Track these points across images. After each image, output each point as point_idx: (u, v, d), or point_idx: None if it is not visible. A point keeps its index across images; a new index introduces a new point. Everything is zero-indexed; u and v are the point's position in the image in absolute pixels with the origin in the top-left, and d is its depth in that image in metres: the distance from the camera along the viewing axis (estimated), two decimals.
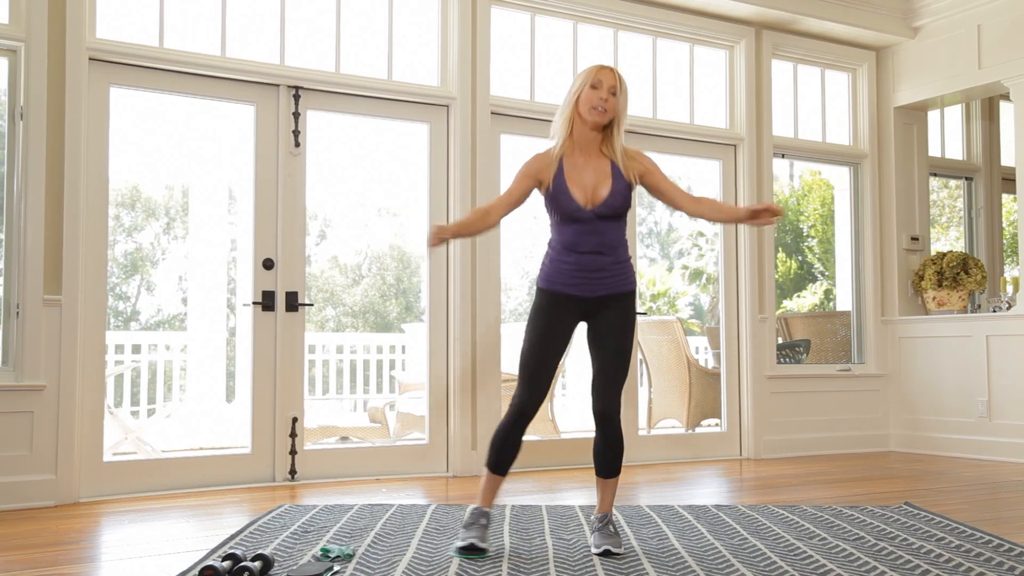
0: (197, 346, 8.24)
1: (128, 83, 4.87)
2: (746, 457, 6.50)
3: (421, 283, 21.03)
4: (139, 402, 8.05)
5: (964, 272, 6.75)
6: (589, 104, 3.27)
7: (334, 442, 7.02)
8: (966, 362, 6.56)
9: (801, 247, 20.52)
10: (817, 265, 20.25)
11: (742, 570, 2.98)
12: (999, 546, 3.34)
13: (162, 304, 20.38)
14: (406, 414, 7.30)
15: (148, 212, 20.01)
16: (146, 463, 5.00)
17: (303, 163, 5.27)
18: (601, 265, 3.29)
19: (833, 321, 7.72)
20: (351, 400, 9.42)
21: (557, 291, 3.31)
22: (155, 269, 20.66)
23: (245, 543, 3.40)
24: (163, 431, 7.47)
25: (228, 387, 8.43)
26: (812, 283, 20.28)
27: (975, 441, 6.47)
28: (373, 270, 22.44)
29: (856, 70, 7.18)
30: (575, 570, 2.99)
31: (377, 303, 22.03)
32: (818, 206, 19.17)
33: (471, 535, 3.22)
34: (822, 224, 19.23)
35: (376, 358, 9.68)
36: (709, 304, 21.18)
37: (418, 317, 20.22)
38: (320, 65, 5.35)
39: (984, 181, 7.85)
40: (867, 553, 3.24)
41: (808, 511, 4.13)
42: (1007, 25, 6.37)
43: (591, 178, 3.29)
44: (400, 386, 8.07)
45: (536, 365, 3.29)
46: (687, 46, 6.54)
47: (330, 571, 2.95)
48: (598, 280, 3.29)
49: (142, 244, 20.08)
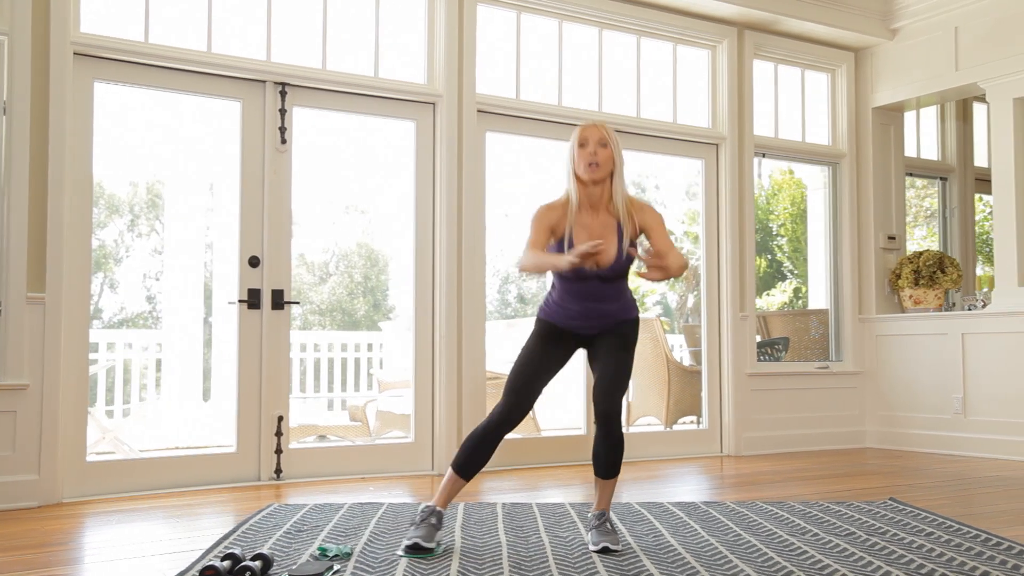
0: (172, 344, 8.17)
1: (113, 78, 4.82)
2: (727, 454, 6.55)
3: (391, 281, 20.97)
4: (114, 401, 7.96)
5: (940, 271, 6.84)
6: (583, 164, 3.33)
7: (313, 440, 6.98)
8: (942, 360, 6.65)
9: (770, 246, 20.71)
10: (787, 263, 20.45)
11: (741, 566, 3.01)
12: (987, 540, 3.40)
13: (126, 302, 20.14)
14: (386, 412, 7.28)
15: (111, 209, 19.75)
16: (130, 463, 4.95)
17: (289, 160, 5.24)
18: (603, 312, 3.38)
19: (811, 319, 7.79)
20: (327, 398, 9.38)
21: (560, 324, 3.41)
22: (118, 267, 20.40)
23: (239, 543, 3.38)
24: (141, 431, 7.40)
25: (204, 386, 8.36)
26: (781, 281, 20.47)
27: (950, 437, 6.56)
28: (340, 268, 22.34)
29: (835, 71, 7.26)
30: (576, 567, 3.00)
31: (344, 301, 21.94)
32: (788, 205, 19.36)
33: (417, 534, 3.21)
34: (792, 223, 19.43)
35: (354, 356, 9.65)
36: (677, 303, 21.31)
37: (386, 315, 20.17)
38: (307, 62, 5.32)
39: (958, 181, 7.97)
40: (860, 548, 3.28)
41: (796, 507, 4.17)
42: (984, 28, 6.46)
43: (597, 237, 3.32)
44: (380, 384, 8.05)
45: (525, 382, 3.35)
46: (670, 45, 6.58)
47: (331, 570, 2.95)
48: (599, 321, 3.39)
49: (105, 241, 19.81)
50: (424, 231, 5.60)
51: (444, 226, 5.56)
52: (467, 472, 3.37)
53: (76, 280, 4.65)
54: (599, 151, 3.32)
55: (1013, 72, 6.28)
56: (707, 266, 6.65)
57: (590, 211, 3.38)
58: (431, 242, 5.60)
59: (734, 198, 6.61)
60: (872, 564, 3.03)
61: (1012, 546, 3.28)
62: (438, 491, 3.39)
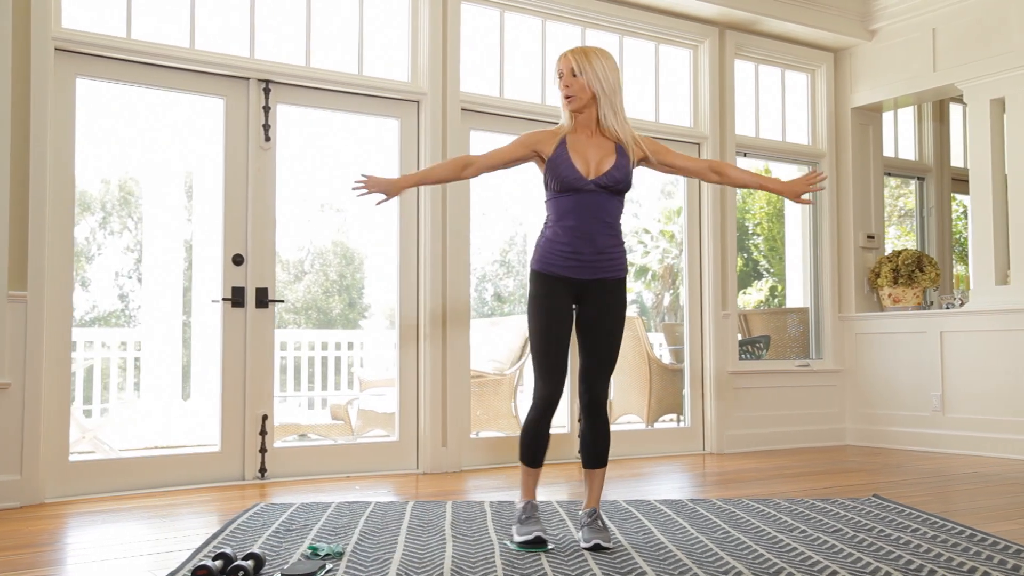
0: (151, 343, 8.10)
1: (95, 74, 4.77)
2: (709, 452, 6.58)
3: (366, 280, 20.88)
4: (91, 400, 7.88)
5: (919, 270, 6.91)
6: (561, 96, 3.36)
7: (296, 439, 6.95)
8: (920, 357, 6.72)
9: (747, 244, 20.83)
10: (763, 262, 20.58)
11: (733, 563, 3.02)
12: (971, 536, 3.43)
13: (98, 300, 19.96)
14: (368, 411, 7.27)
15: (83, 206, 19.57)
16: (113, 462, 4.91)
17: (273, 158, 5.21)
18: (596, 244, 3.30)
19: (791, 318, 7.85)
20: (308, 397, 9.33)
21: (550, 273, 3.34)
22: (90, 264, 20.21)
23: (228, 542, 3.36)
24: (120, 430, 7.34)
25: (184, 384, 8.30)
26: (758, 280, 20.59)
27: (929, 434, 6.63)
28: (316, 266, 22.25)
29: (815, 71, 7.31)
30: (569, 565, 3.01)
31: (320, 299, 21.86)
32: (764, 204, 19.49)
33: (535, 528, 3.26)
34: (768, 222, 19.56)
35: (334, 355, 9.60)
36: (654, 301, 21.39)
37: (361, 314, 20.10)
38: (291, 59, 5.29)
39: (935, 181, 8.05)
40: (848, 544, 3.31)
41: (782, 504, 4.20)
42: (961, 29, 6.53)
43: (594, 152, 3.32)
44: (361, 383, 8.02)
45: (549, 353, 3.32)
46: (653, 45, 6.60)
47: (323, 569, 2.93)
48: (592, 263, 3.31)
49: (76, 239, 19.62)
50: (408, 230, 5.59)
51: (428, 225, 5.55)
52: (537, 462, 3.43)
53: (58, 278, 4.60)
54: (572, 82, 3.31)
55: (990, 73, 6.35)
56: (689, 265, 6.68)
57: (586, 134, 3.35)
58: (415, 241, 5.59)
59: (716, 198, 6.65)
60: (861, 560, 3.06)
61: (997, 542, 3.32)
62: (521, 488, 3.45)
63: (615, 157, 3.32)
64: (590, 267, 3.32)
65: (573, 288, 3.35)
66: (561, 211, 3.32)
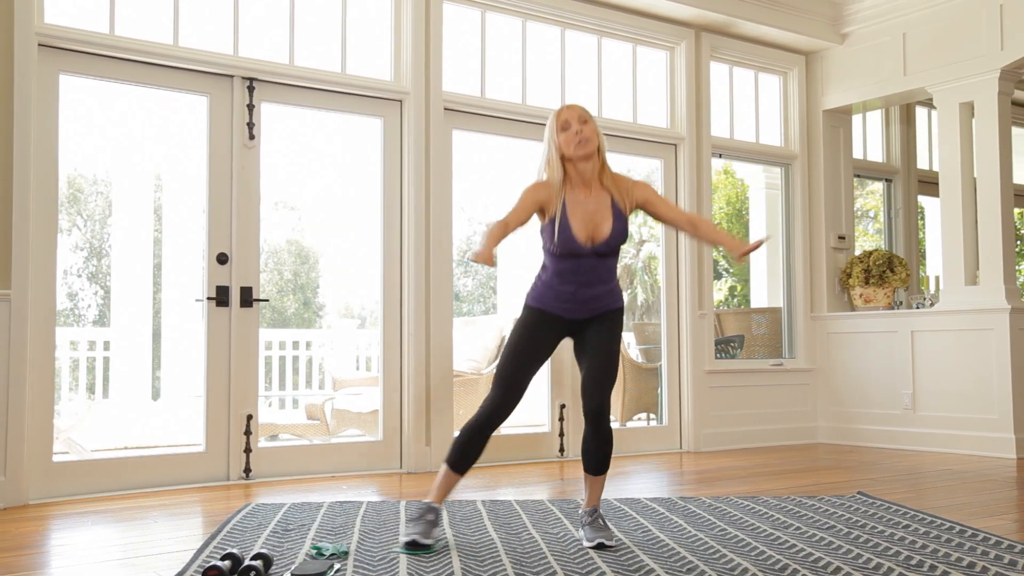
0: (120, 343, 7.99)
1: (78, 71, 4.70)
2: (686, 450, 6.65)
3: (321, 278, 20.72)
4: (61, 400, 7.76)
5: (890, 270, 7.04)
6: (570, 145, 3.34)
7: (268, 439, 6.90)
8: (891, 357, 6.85)
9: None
10: (721, 262, 20.79)
11: (738, 560, 3.07)
12: (962, 531, 3.52)
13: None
14: (343, 411, 7.24)
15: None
16: (97, 463, 4.84)
17: (257, 156, 5.17)
18: (593, 295, 3.38)
19: (763, 318, 7.95)
20: (278, 397, 9.27)
21: (545, 308, 3.40)
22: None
23: (227, 542, 3.34)
24: (90, 431, 7.24)
25: (154, 384, 8.20)
26: (717, 280, 20.80)
27: (900, 432, 6.75)
28: (269, 265, 22.07)
29: (787, 73, 7.41)
30: (576, 563, 3.03)
31: (274, 299, 21.68)
32: (723, 204, 19.67)
33: (416, 530, 3.23)
34: (728, 222, 19.74)
35: (293, 354, 9.52)
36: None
37: (316, 313, 19.96)
38: (275, 57, 5.26)
39: (902, 183, 8.20)
40: (845, 540, 3.37)
41: (771, 502, 4.26)
42: (931, 34, 6.67)
43: (592, 215, 3.34)
44: (335, 382, 7.99)
45: (513, 373, 3.36)
46: (630, 46, 6.65)
47: (332, 569, 2.93)
48: (589, 307, 3.38)
49: None
50: (392, 228, 5.58)
51: (412, 224, 5.54)
52: (461, 467, 3.39)
53: (42, 277, 4.53)
54: (583, 128, 3.35)
55: (959, 77, 6.49)
56: (666, 265, 6.74)
57: (583, 189, 3.38)
58: (399, 239, 5.59)
59: (693, 198, 6.71)
60: (862, 557, 3.12)
61: (988, 537, 3.40)
62: (433, 487, 3.41)
63: (611, 221, 3.35)
64: (587, 308, 3.39)
65: (567, 325, 3.42)
66: (559, 269, 3.37)
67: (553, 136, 3.38)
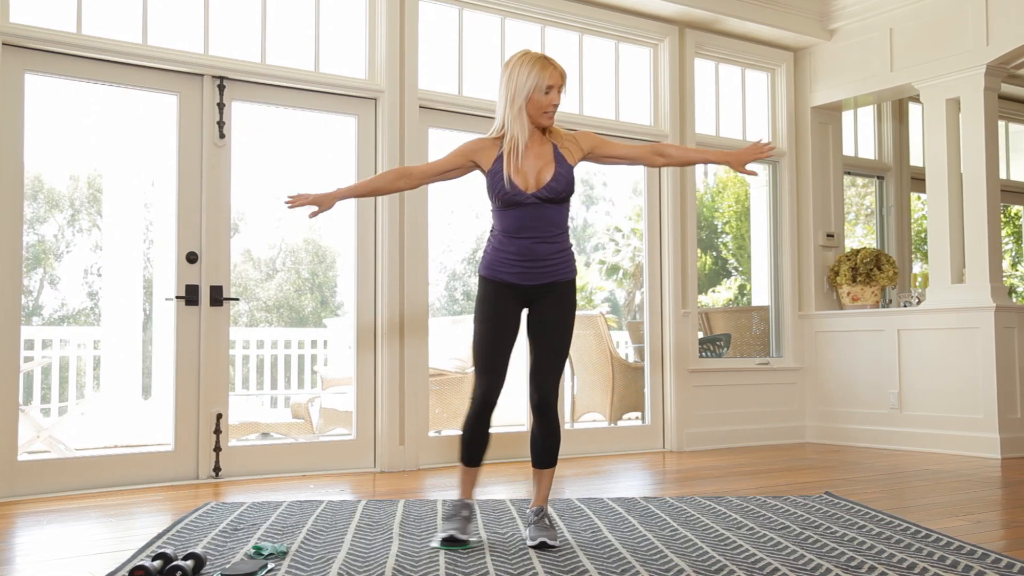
0: (111, 341, 8.02)
1: (44, 70, 4.72)
2: (669, 450, 6.61)
3: (339, 278, 20.81)
4: (51, 399, 7.80)
5: (877, 268, 6.97)
6: (541, 109, 3.26)
7: (256, 438, 6.91)
8: (878, 356, 6.77)
9: (716, 243, 20.92)
10: (732, 260, 20.69)
11: (676, 560, 3.03)
12: (916, 532, 3.46)
13: (67, 298, 19.75)
14: (330, 409, 7.24)
15: (51, 204, 19.34)
16: (64, 462, 4.85)
17: (228, 155, 5.17)
18: (542, 253, 3.29)
19: (752, 316, 7.89)
20: (271, 396, 9.29)
21: (498, 279, 3.33)
22: (59, 262, 19.99)
23: (173, 542, 3.33)
24: (78, 429, 7.27)
25: (144, 383, 8.23)
26: (727, 278, 20.69)
27: (886, 432, 6.68)
28: (287, 264, 22.15)
29: (775, 70, 7.35)
30: (512, 563, 3.01)
31: (292, 298, 21.76)
32: (732, 203, 19.58)
33: (452, 526, 3.26)
34: (736, 220, 19.65)
35: (297, 353, 9.56)
36: (625, 299, 21.44)
37: (334, 312, 20.00)
38: (246, 55, 5.26)
39: (895, 180, 8.11)
40: (793, 541, 3.33)
41: (734, 502, 4.22)
42: (918, 29, 6.59)
43: (533, 163, 3.27)
44: (323, 381, 7.99)
45: (490, 354, 3.32)
46: (613, 43, 6.61)
47: (264, 569, 2.91)
48: (539, 270, 3.30)
49: (45, 236, 19.40)
50: (366, 227, 5.57)
51: (386, 222, 5.53)
52: (474, 460, 3.41)
53: (7, 276, 4.54)
54: (558, 99, 3.29)
55: (946, 73, 6.41)
56: (650, 262, 6.69)
57: (531, 142, 3.29)
58: (373, 238, 5.57)
59: (676, 195, 6.67)
60: (804, 557, 3.07)
61: (941, 538, 3.35)
62: (459, 486, 3.43)
63: (554, 167, 3.27)
64: (537, 274, 3.31)
65: (522, 293, 3.34)
66: (506, 223, 3.30)
67: (532, 88, 3.23)
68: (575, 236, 25.23)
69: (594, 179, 22.81)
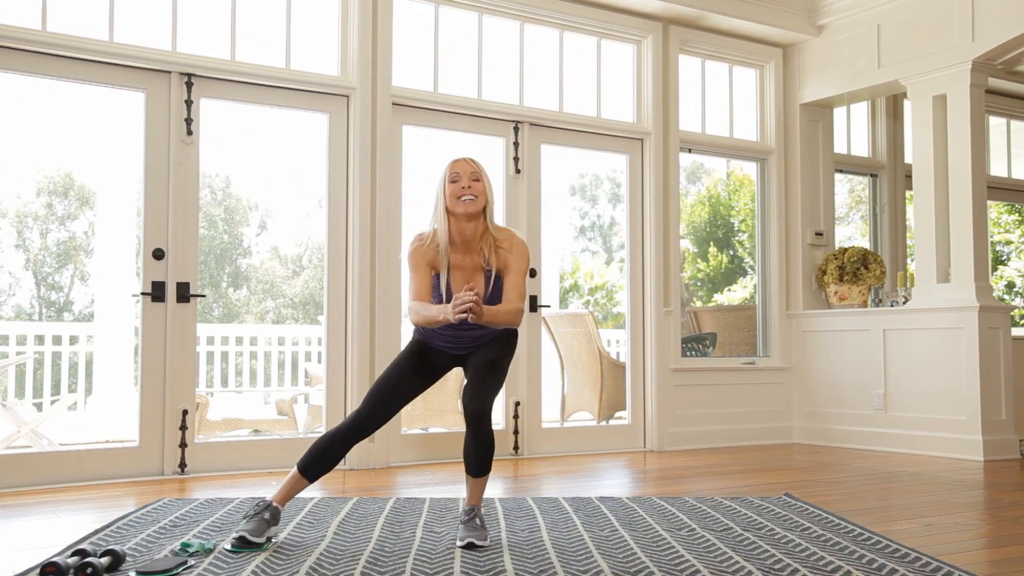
0: (104, 337, 8.07)
1: (8, 67, 4.75)
2: (650, 449, 6.56)
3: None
4: (42, 394, 7.87)
5: (864, 267, 6.87)
6: (455, 197, 3.29)
7: (246, 434, 6.92)
8: (864, 356, 6.69)
9: (732, 241, 20.77)
10: (747, 259, 20.52)
11: (598, 560, 3.00)
12: (859, 535, 3.41)
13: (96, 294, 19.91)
14: (317, 406, 7.24)
15: (82, 200, 19.54)
16: (28, 457, 4.89)
17: (196, 151, 5.18)
18: (474, 336, 3.41)
19: (741, 314, 7.82)
20: (263, 392, 9.31)
21: (429, 342, 3.46)
22: (89, 258, 20.18)
23: (109, 538, 3.34)
24: (73, 425, 7.34)
25: (134, 378, 8.27)
26: (742, 277, 20.53)
27: (872, 433, 6.60)
28: (314, 262, 22.23)
29: (763, 67, 7.27)
30: (433, 563, 2.98)
31: (317, 294, 21.83)
32: (748, 201, 19.41)
33: (247, 528, 3.20)
34: (753, 219, 19.47)
35: (291, 350, 9.58)
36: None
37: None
38: (214, 52, 5.26)
39: (888, 178, 8.01)
40: (728, 544, 3.28)
41: (688, 502, 4.17)
42: (905, 26, 6.49)
43: (470, 276, 3.35)
44: (312, 378, 8.00)
45: (385, 395, 3.38)
46: (594, 40, 6.57)
47: (183, 566, 2.91)
48: (473, 343, 3.43)
49: (76, 233, 19.64)
50: (337, 225, 5.56)
51: (357, 220, 5.52)
52: (311, 474, 3.38)
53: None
54: (472, 184, 3.31)
55: (932, 70, 6.31)
56: (631, 260, 6.64)
57: (462, 250, 3.36)
58: (344, 236, 5.57)
59: (659, 193, 6.61)
60: (731, 559, 3.03)
61: (879, 541, 3.29)
62: (280, 487, 3.39)
63: (483, 282, 3.35)
64: (471, 345, 3.43)
65: (452, 360, 3.47)
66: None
67: (442, 187, 3.33)
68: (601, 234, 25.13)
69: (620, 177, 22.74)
